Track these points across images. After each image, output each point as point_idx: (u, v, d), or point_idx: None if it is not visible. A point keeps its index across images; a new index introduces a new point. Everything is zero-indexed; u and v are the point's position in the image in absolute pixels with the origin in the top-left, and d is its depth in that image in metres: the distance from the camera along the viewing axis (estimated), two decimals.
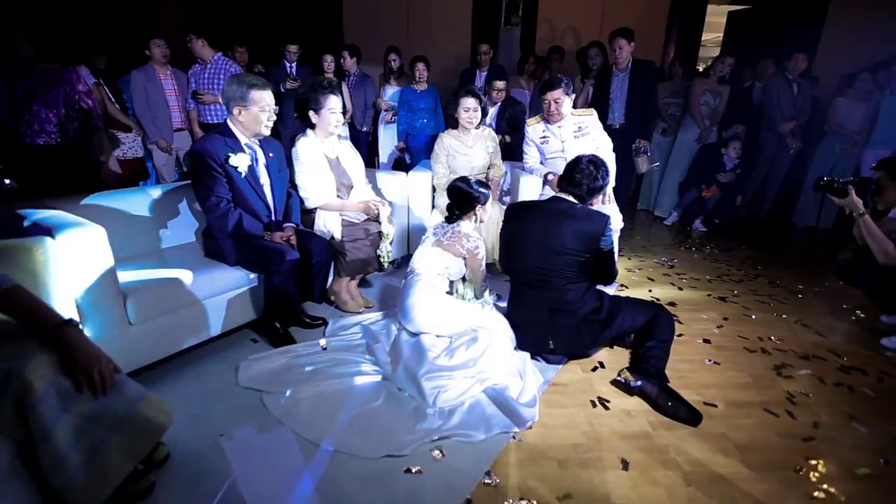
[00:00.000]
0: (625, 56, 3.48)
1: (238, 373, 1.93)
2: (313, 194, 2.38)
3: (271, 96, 2.04)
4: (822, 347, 2.29)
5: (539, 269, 1.98)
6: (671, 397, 1.77)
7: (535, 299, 2.02)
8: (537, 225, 1.99)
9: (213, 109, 3.72)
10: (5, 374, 1.02)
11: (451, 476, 1.45)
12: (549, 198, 2.13)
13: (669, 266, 3.31)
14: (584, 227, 1.93)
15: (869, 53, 4.83)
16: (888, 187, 2.27)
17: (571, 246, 1.93)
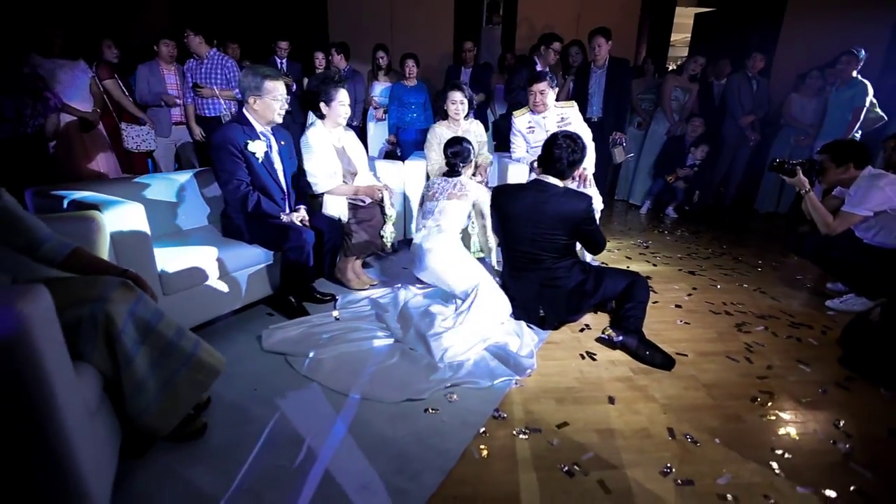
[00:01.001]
0: (603, 54, 3.79)
1: (261, 340, 2.12)
2: (322, 180, 2.57)
3: (284, 87, 2.24)
4: (776, 309, 2.62)
5: (528, 249, 2.21)
6: (649, 347, 2.06)
7: (527, 275, 2.25)
8: (525, 206, 2.18)
9: (210, 103, 3.86)
10: (91, 315, 1.21)
11: (465, 414, 1.69)
12: (533, 180, 2.30)
13: (645, 247, 3.63)
14: (568, 207, 2.14)
15: (822, 53, 5.30)
16: (829, 168, 2.62)
17: (558, 226, 2.14)
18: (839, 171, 2.58)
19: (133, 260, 1.78)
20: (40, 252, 1.29)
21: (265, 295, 2.40)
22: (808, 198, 2.64)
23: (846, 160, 2.54)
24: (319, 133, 2.59)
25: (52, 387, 0.94)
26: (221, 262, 2.14)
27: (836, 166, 2.58)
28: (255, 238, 2.28)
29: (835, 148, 2.61)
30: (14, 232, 1.24)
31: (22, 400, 0.92)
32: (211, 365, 1.43)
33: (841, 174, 2.59)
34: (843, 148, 2.58)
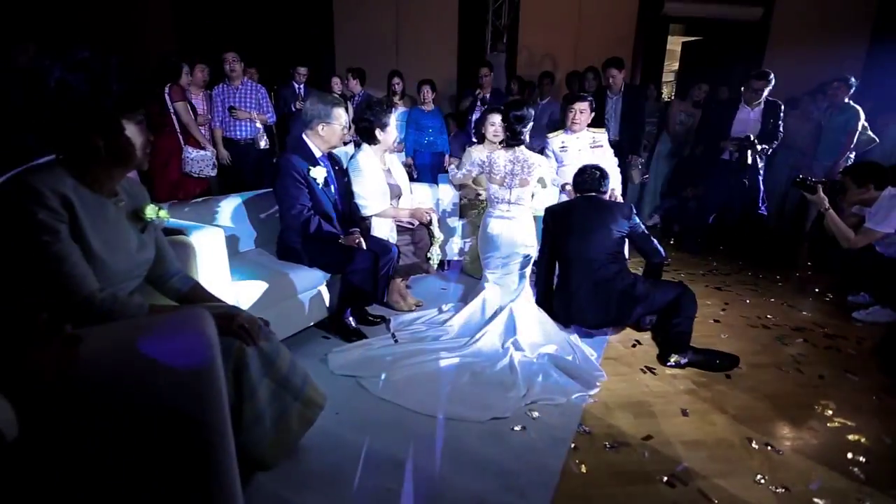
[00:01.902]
0: (618, 82, 4.00)
1: (329, 363, 2.12)
2: (372, 202, 2.62)
3: (346, 114, 2.31)
4: (808, 321, 2.76)
5: (584, 255, 2.37)
6: (709, 355, 2.16)
7: (581, 277, 2.38)
8: (579, 214, 2.43)
9: (241, 126, 3.92)
10: (227, 347, 1.22)
11: (552, 430, 1.73)
12: (577, 198, 2.56)
13: (666, 264, 3.76)
14: (615, 211, 2.43)
15: (806, 78, 5.68)
16: (850, 188, 2.80)
17: (608, 226, 2.37)
18: (860, 191, 2.76)
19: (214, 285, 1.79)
20: (168, 284, 1.31)
21: (322, 317, 2.41)
22: (829, 215, 2.80)
23: (866, 181, 2.72)
24: (369, 156, 2.65)
25: (226, 416, 0.95)
26: (288, 283, 2.15)
27: (857, 187, 2.76)
28: (315, 261, 2.30)
29: (856, 170, 2.80)
30: (157, 261, 1.26)
31: (202, 431, 0.92)
32: (316, 400, 1.45)
33: (861, 194, 2.77)
34: (864, 170, 2.77)
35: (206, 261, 1.75)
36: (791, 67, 6.60)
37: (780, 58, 6.81)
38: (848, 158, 4.56)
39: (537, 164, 2.69)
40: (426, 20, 6.54)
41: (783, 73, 6.49)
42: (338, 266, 2.29)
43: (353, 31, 6.48)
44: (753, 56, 7.03)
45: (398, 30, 6.59)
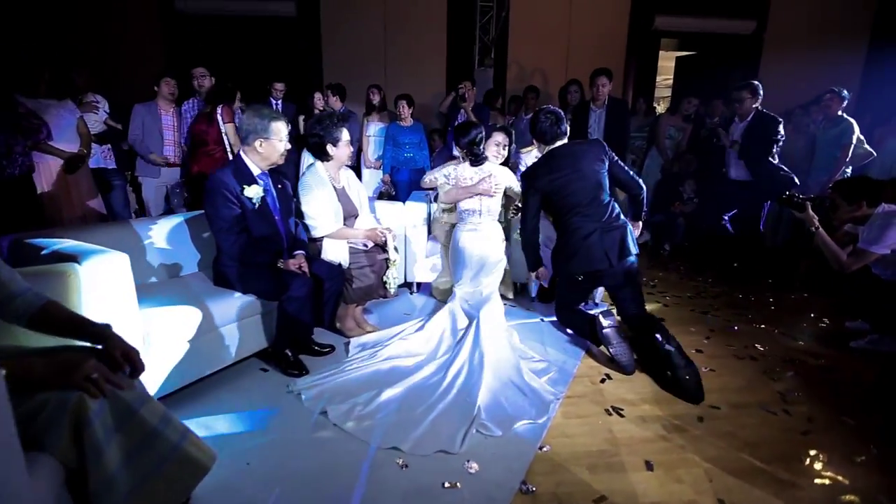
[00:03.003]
0: (605, 93, 3.82)
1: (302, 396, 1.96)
2: (322, 223, 2.42)
3: (286, 128, 2.12)
4: (801, 352, 2.49)
5: (582, 199, 2.33)
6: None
7: (587, 225, 2.33)
8: (567, 163, 2.38)
9: None
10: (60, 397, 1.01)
11: (488, 489, 1.48)
12: (550, 150, 2.46)
13: (652, 285, 3.51)
14: (594, 148, 2.44)
15: (802, 91, 5.47)
16: (841, 206, 2.55)
17: (595, 164, 2.36)
18: (851, 208, 2.52)
19: (115, 316, 1.58)
20: (11, 307, 1.10)
21: (259, 348, 2.19)
22: (819, 235, 2.55)
23: (858, 198, 2.48)
24: (319, 174, 2.46)
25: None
26: (211, 314, 1.94)
27: (848, 204, 2.52)
28: (249, 288, 2.09)
29: (846, 186, 2.56)
30: None
31: None
32: (198, 461, 1.21)
33: (853, 212, 2.53)
34: (856, 186, 2.53)
35: (103, 291, 1.55)
36: (786, 80, 6.40)
37: (775, 71, 6.62)
38: (844, 173, 4.31)
39: (504, 180, 2.75)
40: (414, 36, 6.44)
41: (778, 86, 6.30)
42: (273, 293, 2.07)
43: (340, 47, 6.39)
44: (748, 69, 6.86)
45: (386, 45, 6.49)
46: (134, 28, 6.09)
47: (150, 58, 6.02)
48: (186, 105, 3.82)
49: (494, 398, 1.97)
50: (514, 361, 2.21)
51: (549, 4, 6.51)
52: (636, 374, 2.18)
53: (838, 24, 6.54)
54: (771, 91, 5.90)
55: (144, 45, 6.10)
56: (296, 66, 6.25)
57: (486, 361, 2.15)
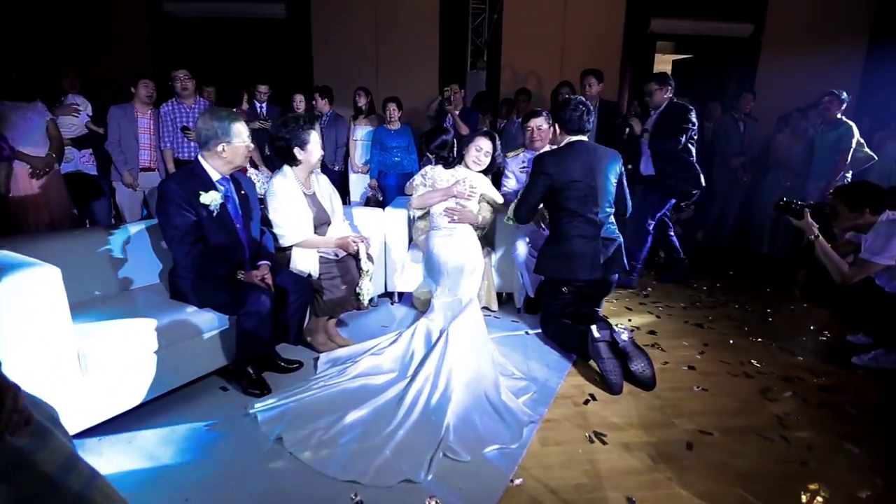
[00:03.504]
0: (593, 93, 3.68)
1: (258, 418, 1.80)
2: (289, 231, 2.27)
3: (247, 129, 1.98)
4: (799, 368, 2.33)
5: (588, 197, 2.27)
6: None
7: (584, 228, 2.29)
8: (583, 159, 2.30)
9: (192, 146, 3.64)
10: None
11: None
12: (572, 142, 2.36)
13: (644, 295, 3.35)
14: (612, 155, 2.38)
15: (801, 94, 5.32)
16: (842, 213, 2.40)
17: (610, 170, 2.32)
18: (853, 216, 2.37)
19: (43, 336, 1.43)
20: None
21: (217, 366, 2.04)
22: (818, 244, 2.40)
23: (861, 204, 2.33)
24: (288, 179, 2.31)
25: None
26: (164, 330, 1.79)
27: (850, 211, 2.37)
28: (205, 301, 1.94)
29: (848, 191, 2.41)
30: None
31: None
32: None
33: (855, 219, 2.38)
34: (858, 192, 2.38)
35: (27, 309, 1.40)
36: (784, 83, 6.26)
37: (773, 74, 6.49)
38: (844, 177, 4.16)
39: (480, 185, 2.67)
40: (406, 38, 6.32)
41: (776, 89, 6.16)
42: (231, 307, 1.92)
43: (331, 49, 6.27)
44: (745, 72, 6.72)
45: (377, 48, 6.37)
46: (122, 30, 5.98)
47: (138, 60, 5.90)
48: (165, 107, 3.68)
49: (466, 417, 1.82)
50: (492, 377, 2.06)
51: (542, 7, 6.38)
52: (622, 397, 2.03)
53: (837, 26, 6.41)
54: (769, 94, 5.79)
55: (132, 48, 5.99)
56: (286, 68, 6.13)
57: (456, 376, 2.00)
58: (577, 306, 2.51)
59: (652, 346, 2.50)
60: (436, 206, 2.64)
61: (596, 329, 2.16)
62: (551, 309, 2.49)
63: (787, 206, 2.43)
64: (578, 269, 2.31)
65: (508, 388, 2.02)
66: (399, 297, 3.11)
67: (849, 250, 2.48)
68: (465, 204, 2.65)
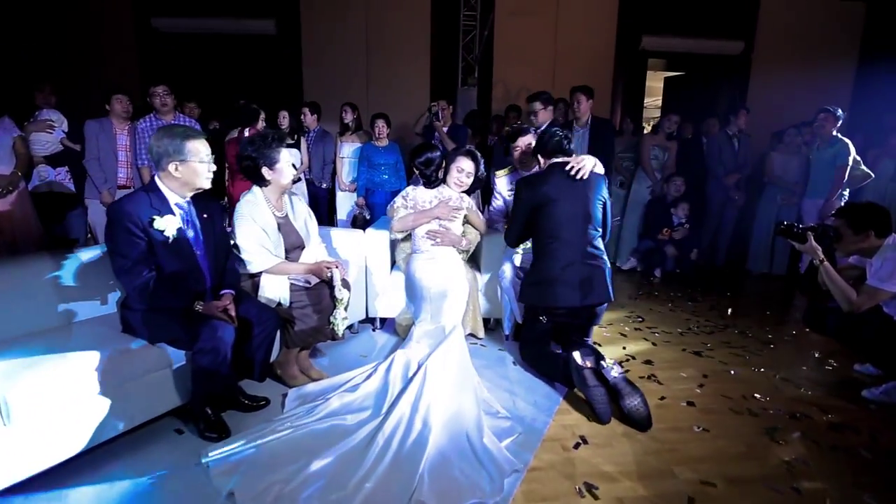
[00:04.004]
0: (583, 111, 3.57)
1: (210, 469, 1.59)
2: (257, 257, 2.10)
3: (207, 146, 1.82)
4: (806, 403, 2.15)
5: (571, 220, 2.16)
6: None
7: (566, 252, 2.16)
8: (564, 181, 2.20)
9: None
10: None
11: None
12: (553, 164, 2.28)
13: (640, 320, 3.18)
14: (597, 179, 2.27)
15: (791, 112, 5.25)
16: (846, 235, 2.25)
17: (594, 193, 2.22)
18: (857, 238, 2.22)
19: None
20: None
21: (172, 407, 1.84)
22: (824, 269, 2.25)
23: (866, 227, 2.18)
24: (256, 201, 2.15)
25: None
26: (107, 369, 1.60)
27: (854, 233, 2.22)
28: (157, 336, 1.76)
29: (852, 213, 2.26)
30: None
31: None
32: None
33: (859, 242, 2.23)
34: (863, 213, 2.23)
35: None
36: (777, 100, 6.20)
37: (765, 91, 6.44)
38: (842, 196, 4.05)
39: (465, 205, 2.55)
40: (397, 53, 6.25)
41: (769, 106, 6.10)
42: (186, 342, 1.74)
43: (321, 65, 6.18)
44: (737, 89, 6.69)
45: (368, 63, 6.29)
46: (110, 46, 5.88)
47: (127, 76, 5.79)
48: (143, 123, 3.53)
49: (444, 462, 1.64)
50: (474, 416, 1.87)
51: (534, 24, 6.34)
52: (616, 439, 1.83)
53: (827, 43, 6.39)
54: (760, 111, 5.71)
55: (121, 63, 5.89)
56: (276, 84, 6.03)
57: (434, 414, 1.82)
58: (565, 335, 2.35)
59: (648, 379, 2.33)
60: (418, 228, 2.48)
61: (579, 356, 1.99)
62: (531, 335, 2.34)
63: (789, 230, 2.29)
64: (559, 296, 2.15)
65: (492, 429, 1.83)
66: (381, 323, 2.93)
67: (853, 275, 2.33)
68: (449, 226, 2.50)
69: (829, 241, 2.31)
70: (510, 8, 6.22)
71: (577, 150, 3.72)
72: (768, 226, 4.49)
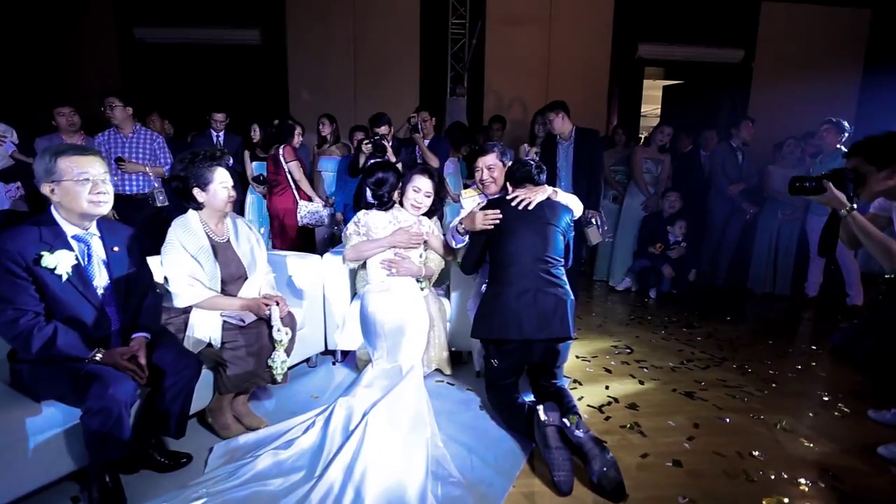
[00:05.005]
0: (559, 127, 3.31)
1: None
2: (184, 289, 1.84)
3: (97, 163, 1.55)
4: (813, 464, 1.83)
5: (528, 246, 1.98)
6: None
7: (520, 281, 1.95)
8: (526, 211, 2.04)
9: (132, 180, 3.25)
10: None
11: None
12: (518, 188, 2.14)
13: (628, 352, 2.87)
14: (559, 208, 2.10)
15: (794, 122, 4.94)
16: (869, 174, 1.78)
17: (557, 220, 2.05)
18: (884, 175, 1.76)
19: None
20: None
21: (66, 472, 1.57)
22: (853, 219, 1.75)
23: (890, 158, 1.74)
24: (189, 225, 1.90)
25: None
26: None
27: (878, 169, 1.76)
28: (47, 392, 1.49)
29: (870, 146, 1.80)
30: None
31: None
32: None
33: (887, 179, 1.76)
34: (883, 143, 1.78)
35: None
36: (778, 110, 5.89)
37: (767, 100, 6.15)
38: None
39: (424, 229, 2.30)
40: (385, 65, 6.04)
41: (771, 116, 5.78)
42: (76, 399, 1.47)
43: (307, 76, 5.97)
44: (738, 99, 6.40)
45: (356, 75, 6.08)
46: (92, 58, 5.71)
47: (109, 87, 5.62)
48: (101, 137, 3.32)
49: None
50: (419, 483, 1.58)
51: (527, 32, 6.11)
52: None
53: (831, 52, 6.09)
54: (762, 121, 5.39)
55: (103, 75, 5.70)
56: (261, 95, 5.82)
57: (372, 479, 1.54)
58: (533, 378, 2.06)
59: (630, 429, 2.02)
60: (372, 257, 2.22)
61: (543, 410, 1.70)
62: (491, 378, 2.06)
63: (802, 187, 1.81)
64: (511, 328, 1.89)
65: (439, 500, 1.54)
66: (342, 356, 2.65)
67: (881, 224, 1.87)
68: (407, 254, 2.23)
69: (852, 186, 1.82)
70: (501, 16, 5.99)
71: (562, 164, 3.48)
72: (769, 244, 4.19)
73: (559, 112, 3.28)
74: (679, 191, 4.10)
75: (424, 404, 1.96)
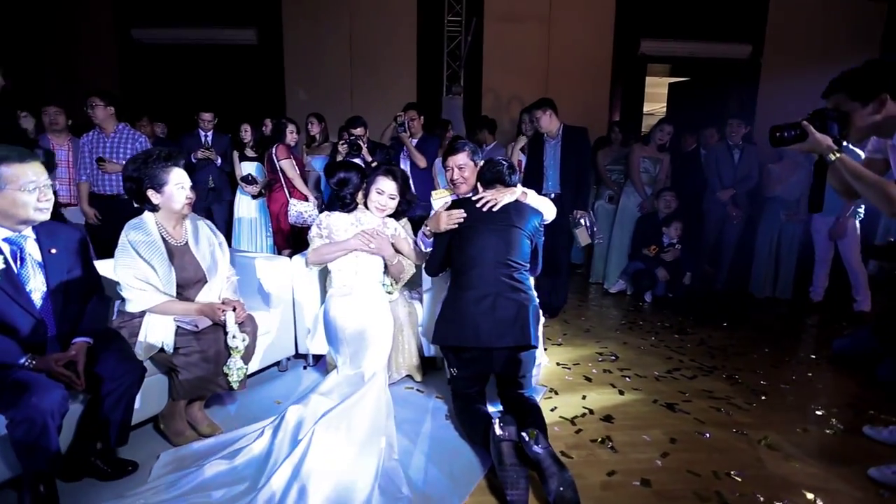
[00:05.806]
0: (546, 125, 3.19)
1: None
2: (136, 294, 1.79)
3: (37, 169, 1.49)
4: (797, 487, 1.68)
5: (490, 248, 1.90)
6: None
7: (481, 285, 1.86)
8: (490, 212, 1.96)
9: (111, 180, 3.23)
10: None
11: None
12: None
13: (612, 359, 2.74)
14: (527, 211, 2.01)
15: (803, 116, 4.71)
16: (854, 110, 1.53)
17: (524, 224, 1.96)
18: (868, 110, 1.52)
19: None
20: None
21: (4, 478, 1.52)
22: (842, 163, 1.49)
23: (875, 90, 1.48)
24: (143, 228, 1.84)
25: None
26: None
27: (863, 104, 1.52)
28: None
29: (850, 79, 1.54)
30: None
31: None
32: None
33: (873, 114, 1.52)
34: (864, 74, 1.51)
35: None
36: (788, 106, 5.62)
37: (775, 96, 5.89)
38: (856, 213, 3.55)
39: (388, 232, 2.18)
40: (382, 64, 5.96)
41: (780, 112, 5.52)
42: (2, 407, 1.42)
43: (304, 75, 5.93)
44: (746, 95, 6.16)
45: (352, 74, 6.02)
46: (89, 58, 5.76)
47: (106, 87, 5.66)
48: (85, 137, 3.30)
49: None
50: (364, 497, 1.49)
51: (526, 29, 5.97)
52: None
53: (843, 45, 5.80)
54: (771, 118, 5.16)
55: (100, 75, 5.73)
56: (258, 95, 5.80)
57: (314, 490, 1.47)
58: (501, 388, 1.96)
59: (601, 443, 1.90)
60: (334, 261, 2.13)
61: (498, 425, 1.59)
62: (454, 386, 1.97)
63: (782, 137, 1.57)
64: (468, 335, 1.80)
65: None
66: (314, 360, 2.58)
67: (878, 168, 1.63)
68: (369, 258, 2.15)
69: (837, 126, 1.56)
70: (499, 13, 5.87)
71: (549, 162, 3.36)
72: (770, 245, 4.00)
73: (546, 109, 3.16)
74: (676, 191, 3.94)
75: (384, 413, 1.87)
